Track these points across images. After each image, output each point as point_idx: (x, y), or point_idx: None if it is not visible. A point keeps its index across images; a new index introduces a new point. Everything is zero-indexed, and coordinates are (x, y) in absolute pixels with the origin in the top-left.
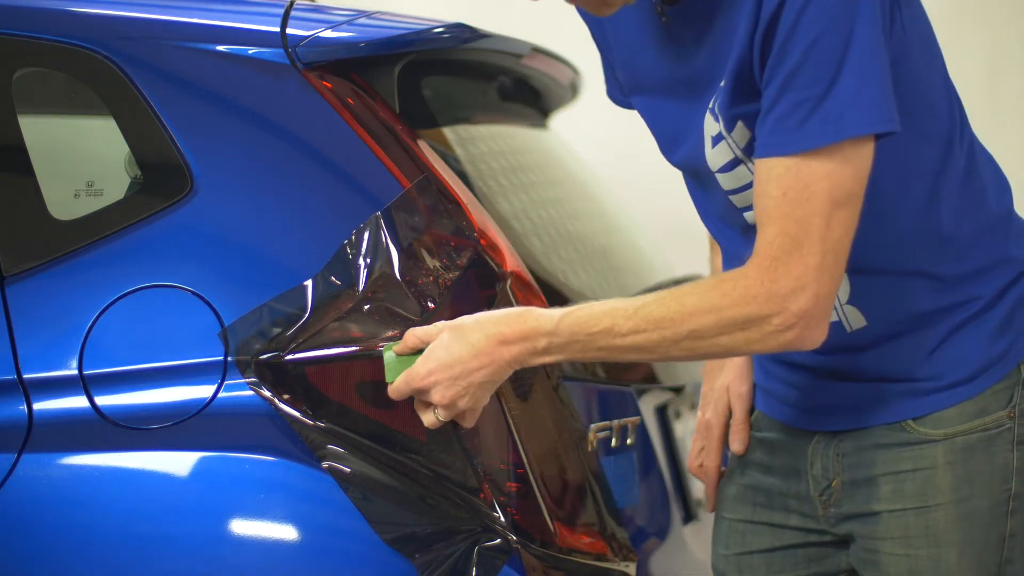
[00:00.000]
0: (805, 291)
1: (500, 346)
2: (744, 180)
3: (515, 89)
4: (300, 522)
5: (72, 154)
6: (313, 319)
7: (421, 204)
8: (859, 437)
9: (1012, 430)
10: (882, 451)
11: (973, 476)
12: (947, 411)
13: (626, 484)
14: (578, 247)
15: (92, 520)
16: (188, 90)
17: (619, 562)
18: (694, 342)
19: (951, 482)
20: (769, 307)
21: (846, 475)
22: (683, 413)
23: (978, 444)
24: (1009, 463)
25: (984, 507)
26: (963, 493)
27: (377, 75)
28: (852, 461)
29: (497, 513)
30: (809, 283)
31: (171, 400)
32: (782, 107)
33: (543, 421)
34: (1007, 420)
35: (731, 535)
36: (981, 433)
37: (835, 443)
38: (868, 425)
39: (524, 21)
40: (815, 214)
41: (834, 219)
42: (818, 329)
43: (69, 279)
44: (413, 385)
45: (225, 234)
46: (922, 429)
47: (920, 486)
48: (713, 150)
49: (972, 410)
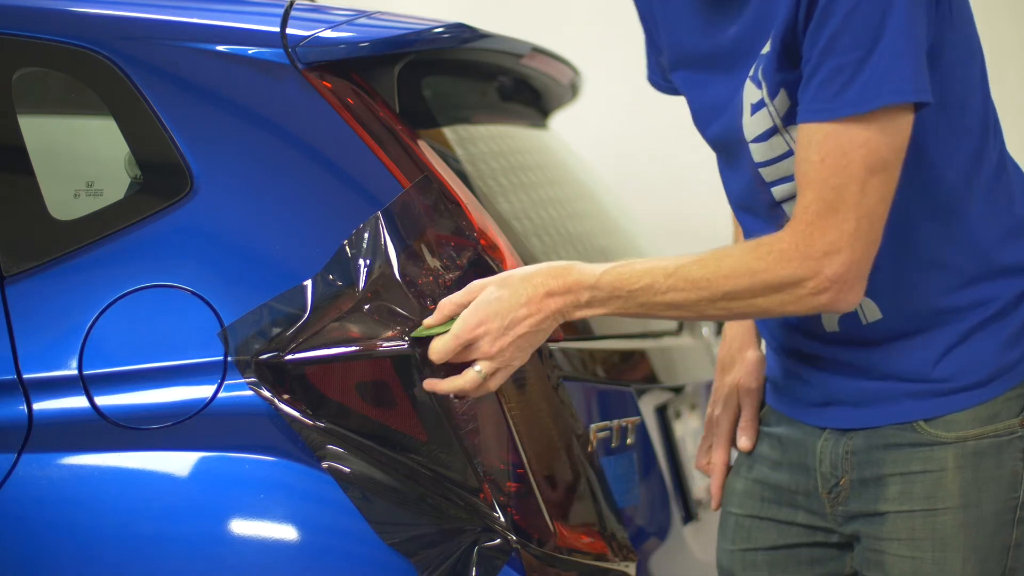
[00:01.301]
0: (840, 255)
1: (547, 297)
2: (778, 151)
3: (515, 89)
4: (300, 522)
5: (72, 154)
6: (313, 319)
7: (421, 204)
8: (869, 436)
9: (1023, 438)
10: (892, 451)
11: (982, 482)
12: (958, 414)
13: (626, 484)
14: (578, 247)
15: (92, 520)
16: (188, 90)
17: (619, 562)
18: (730, 303)
19: (960, 486)
20: (804, 270)
21: (855, 473)
22: (683, 413)
23: (989, 450)
24: (1018, 471)
25: (991, 514)
26: (971, 498)
27: (377, 75)
28: (862, 459)
29: (497, 513)
30: (843, 248)
31: (171, 400)
32: (823, 72)
33: (543, 421)
34: (1019, 428)
35: (737, 530)
36: (992, 439)
37: (844, 440)
38: (879, 424)
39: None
40: (851, 180)
41: (869, 186)
42: (852, 293)
43: (69, 279)
44: (463, 337)
45: (225, 234)
46: (933, 431)
47: (929, 488)
48: (752, 118)
49: (984, 415)
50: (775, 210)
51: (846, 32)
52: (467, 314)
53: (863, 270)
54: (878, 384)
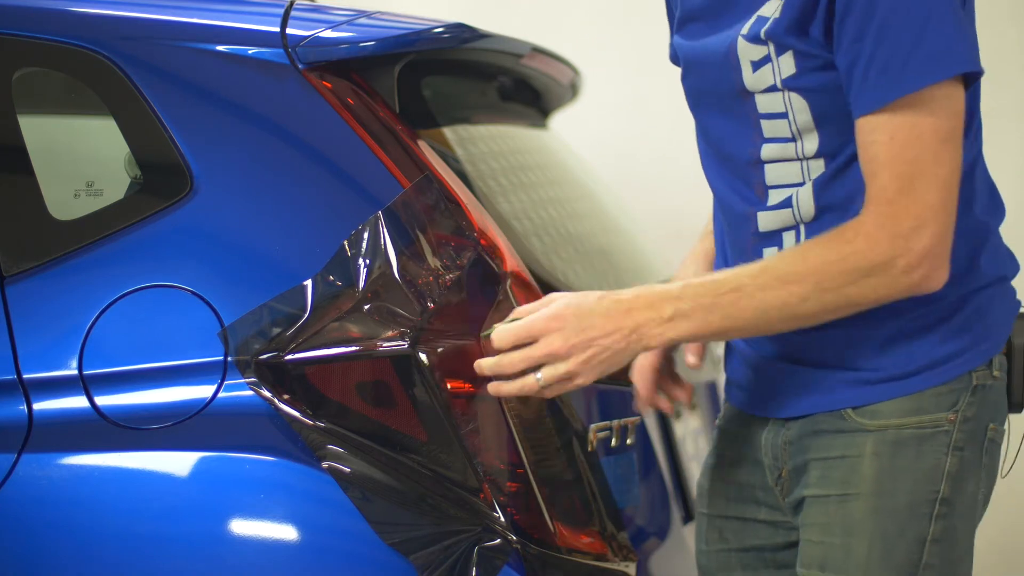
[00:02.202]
0: (926, 228)
1: (627, 313)
2: (777, 108)
3: (515, 89)
4: (300, 522)
5: (72, 154)
6: (313, 319)
7: (421, 204)
8: (803, 424)
9: (950, 433)
10: (818, 437)
11: (898, 470)
12: (884, 404)
13: (626, 484)
14: (578, 247)
15: (92, 520)
16: (188, 90)
17: (619, 562)
18: (822, 295)
19: (874, 473)
20: (893, 249)
21: (791, 462)
22: (683, 413)
23: (909, 440)
24: (941, 465)
25: (904, 504)
26: (885, 486)
27: (377, 75)
28: (796, 448)
29: (497, 513)
30: (928, 221)
31: (171, 400)
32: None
33: (543, 421)
34: (946, 423)
35: (709, 530)
36: (915, 430)
37: (783, 431)
38: (812, 412)
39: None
40: (925, 152)
41: (943, 155)
42: (942, 269)
43: (69, 279)
44: (534, 328)
45: (225, 234)
46: (859, 419)
47: (844, 473)
48: (755, 74)
49: (909, 407)
50: (755, 168)
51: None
52: (543, 311)
53: (948, 244)
54: (815, 373)
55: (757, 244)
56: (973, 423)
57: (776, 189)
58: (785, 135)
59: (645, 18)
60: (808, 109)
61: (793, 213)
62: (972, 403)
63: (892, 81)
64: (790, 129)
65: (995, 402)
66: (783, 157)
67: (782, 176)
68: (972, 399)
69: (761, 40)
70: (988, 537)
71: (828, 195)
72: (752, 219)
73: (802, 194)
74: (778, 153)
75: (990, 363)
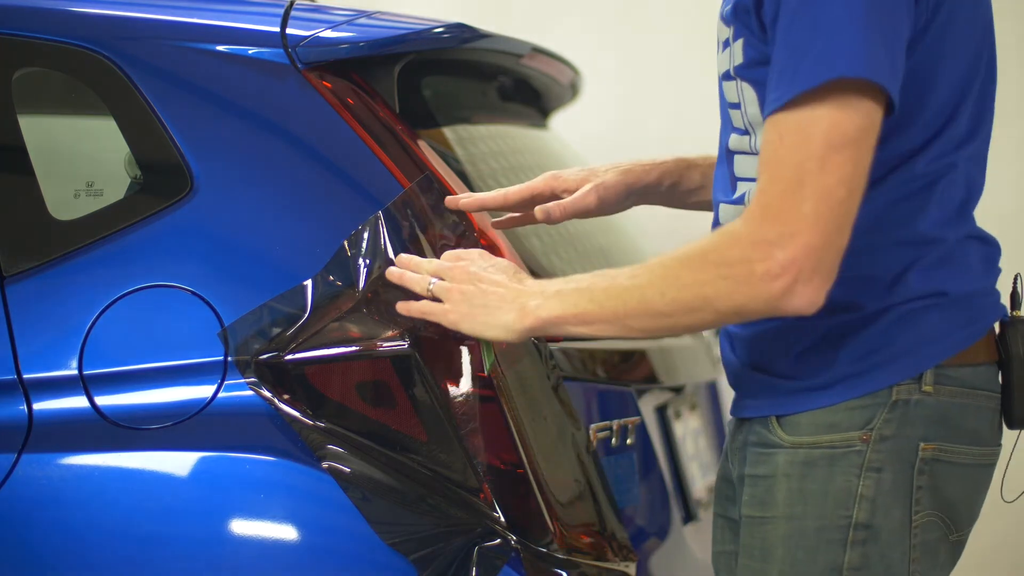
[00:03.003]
0: (794, 239)
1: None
2: (732, 97)
3: (515, 89)
4: (300, 522)
5: (72, 154)
6: (313, 319)
7: (421, 204)
8: (747, 430)
9: (863, 454)
10: (752, 449)
11: (807, 493)
12: (801, 416)
13: (626, 484)
14: (578, 247)
15: (92, 520)
16: (188, 90)
17: (619, 562)
18: (679, 291)
19: (785, 495)
20: (753, 251)
21: (736, 470)
22: (683, 413)
23: (820, 460)
24: (852, 488)
25: (813, 529)
26: (795, 510)
27: (377, 75)
28: (740, 455)
29: (497, 513)
30: (800, 231)
31: (171, 400)
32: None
33: (543, 421)
34: (858, 442)
35: (715, 530)
36: (826, 449)
37: (738, 433)
38: (750, 416)
39: (524, 21)
40: (809, 157)
41: (830, 163)
42: (811, 286)
43: (69, 279)
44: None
45: (225, 234)
46: (780, 431)
47: (764, 494)
48: (721, 55)
49: (824, 421)
50: (729, 156)
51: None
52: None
53: (824, 262)
54: (752, 375)
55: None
56: (894, 442)
57: (742, 182)
58: (740, 127)
59: (645, 18)
60: (757, 102)
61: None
62: (890, 420)
63: (785, 83)
64: (743, 120)
65: (930, 419)
66: (743, 149)
67: (746, 169)
68: (890, 416)
69: (724, 19)
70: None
71: None
72: (716, 208)
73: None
74: (738, 144)
75: (919, 377)
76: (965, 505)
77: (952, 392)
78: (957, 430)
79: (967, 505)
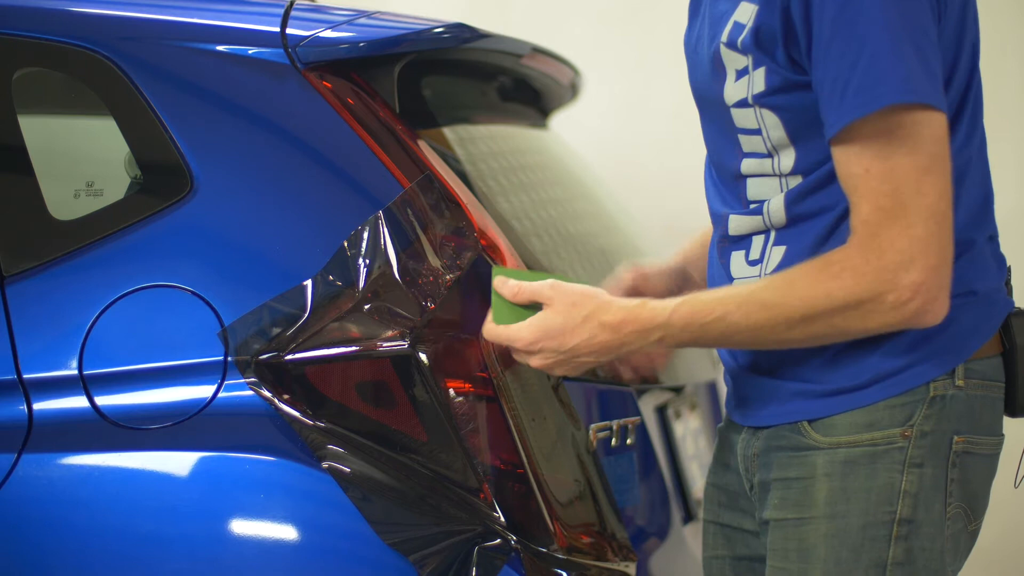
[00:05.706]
0: (915, 263)
1: (614, 335)
2: (751, 124)
3: (515, 89)
4: (300, 522)
5: (72, 154)
6: (313, 319)
7: (421, 204)
8: (768, 437)
9: (904, 450)
10: (779, 454)
11: (850, 492)
12: (838, 418)
13: (626, 484)
14: (578, 247)
15: (92, 520)
16: (188, 90)
17: (619, 562)
18: (808, 326)
19: (826, 495)
20: (880, 285)
21: (757, 476)
22: (683, 413)
23: (861, 459)
24: (895, 484)
25: (857, 527)
26: (838, 509)
27: (377, 75)
28: (762, 462)
29: (497, 513)
30: (917, 254)
31: (171, 400)
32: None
33: (543, 421)
34: (900, 439)
35: (706, 536)
36: (867, 447)
37: (753, 440)
38: (772, 423)
39: (524, 21)
40: (905, 183)
41: (924, 186)
42: (938, 302)
43: (69, 279)
44: (515, 346)
45: (225, 234)
46: (814, 434)
47: (799, 496)
48: (735, 84)
49: (862, 421)
50: (738, 181)
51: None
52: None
53: (943, 277)
54: (773, 383)
55: (726, 248)
56: (932, 437)
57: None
58: (761, 151)
59: (645, 18)
60: (781, 126)
61: (764, 219)
62: (929, 416)
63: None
64: (765, 145)
65: (961, 412)
66: (761, 172)
67: (762, 192)
68: (929, 412)
69: (739, 49)
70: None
71: (802, 207)
72: (725, 221)
73: (774, 202)
74: (756, 168)
75: (952, 372)
76: (983, 495)
77: (975, 385)
78: (980, 422)
79: (984, 495)
